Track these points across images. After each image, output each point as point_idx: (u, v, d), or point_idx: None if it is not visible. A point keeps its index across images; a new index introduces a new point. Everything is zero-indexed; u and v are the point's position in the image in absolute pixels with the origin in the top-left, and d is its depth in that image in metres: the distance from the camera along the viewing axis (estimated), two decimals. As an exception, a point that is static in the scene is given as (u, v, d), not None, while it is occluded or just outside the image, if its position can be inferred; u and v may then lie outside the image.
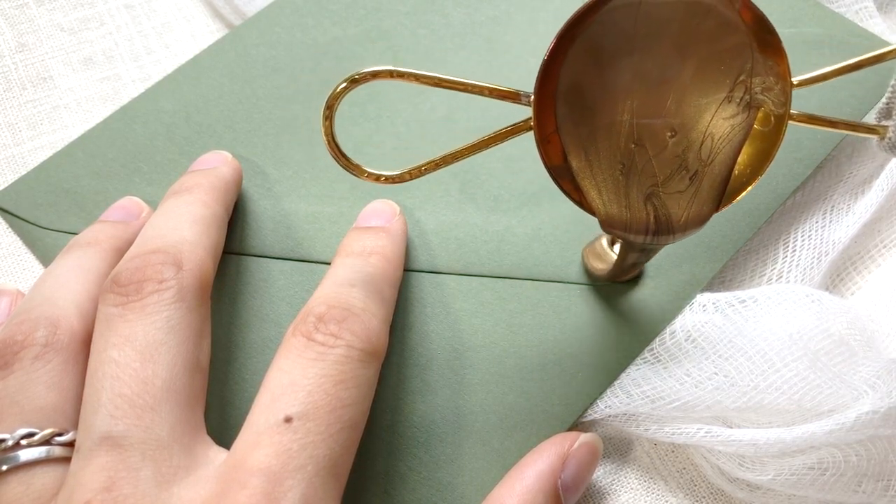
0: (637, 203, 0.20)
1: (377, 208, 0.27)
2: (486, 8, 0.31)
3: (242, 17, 0.32)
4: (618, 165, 0.20)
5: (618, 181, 0.20)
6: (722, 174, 0.20)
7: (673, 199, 0.20)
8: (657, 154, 0.20)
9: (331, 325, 0.21)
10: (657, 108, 0.20)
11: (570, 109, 0.20)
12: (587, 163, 0.20)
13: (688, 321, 0.25)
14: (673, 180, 0.20)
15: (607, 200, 0.21)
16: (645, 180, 0.20)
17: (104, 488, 0.18)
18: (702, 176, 0.20)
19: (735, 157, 0.20)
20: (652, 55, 0.19)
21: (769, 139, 0.20)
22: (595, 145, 0.20)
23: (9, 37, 0.32)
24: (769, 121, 0.20)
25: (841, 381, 0.23)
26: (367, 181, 0.20)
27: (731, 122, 0.20)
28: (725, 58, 0.20)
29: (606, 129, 0.20)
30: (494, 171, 0.28)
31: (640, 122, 0.20)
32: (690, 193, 0.20)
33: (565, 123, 0.20)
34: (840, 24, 0.30)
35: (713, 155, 0.20)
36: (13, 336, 0.21)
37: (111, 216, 0.26)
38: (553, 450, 0.23)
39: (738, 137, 0.20)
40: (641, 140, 0.20)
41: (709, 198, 0.20)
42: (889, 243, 0.28)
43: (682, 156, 0.20)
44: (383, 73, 0.19)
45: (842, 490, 0.23)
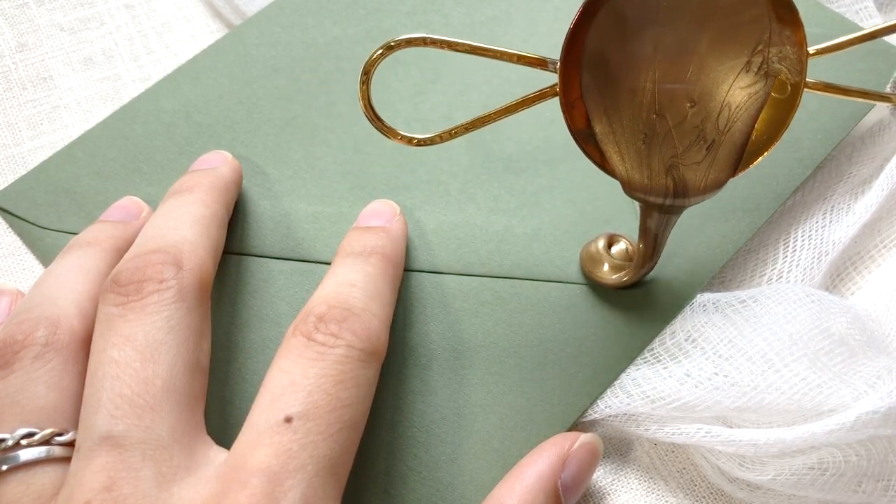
0: (658, 172, 0.22)
1: (377, 208, 0.27)
2: (486, 8, 0.31)
3: (242, 17, 0.32)
4: (640, 135, 0.21)
5: (640, 151, 0.21)
6: (739, 141, 0.21)
7: (691, 170, 0.21)
8: (677, 125, 0.21)
9: (331, 325, 0.21)
10: (678, 78, 0.21)
11: (595, 76, 0.21)
12: (610, 129, 0.21)
13: (688, 321, 0.25)
14: (691, 151, 0.21)
15: (630, 167, 0.22)
16: (666, 151, 0.21)
17: (104, 488, 0.18)
18: (718, 145, 0.21)
19: (752, 124, 0.21)
20: (673, 26, 0.20)
21: (785, 106, 0.21)
22: (618, 112, 0.21)
23: (9, 37, 0.32)
24: (785, 88, 0.21)
25: (841, 381, 0.23)
26: (399, 143, 0.22)
27: (748, 90, 0.21)
28: (744, 29, 0.20)
29: (629, 97, 0.21)
30: (494, 170, 0.28)
31: (662, 92, 0.21)
32: (708, 162, 0.21)
33: (590, 90, 0.21)
34: (840, 24, 0.30)
35: (730, 123, 0.21)
36: (13, 336, 0.21)
37: (111, 216, 0.26)
38: (553, 450, 0.23)
39: (756, 105, 0.21)
40: (662, 110, 0.21)
41: (726, 164, 0.22)
42: (889, 243, 0.28)
43: (700, 126, 0.21)
44: (417, 40, 0.20)
45: (842, 490, 0.23)
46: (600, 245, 0.26)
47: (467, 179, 0.28)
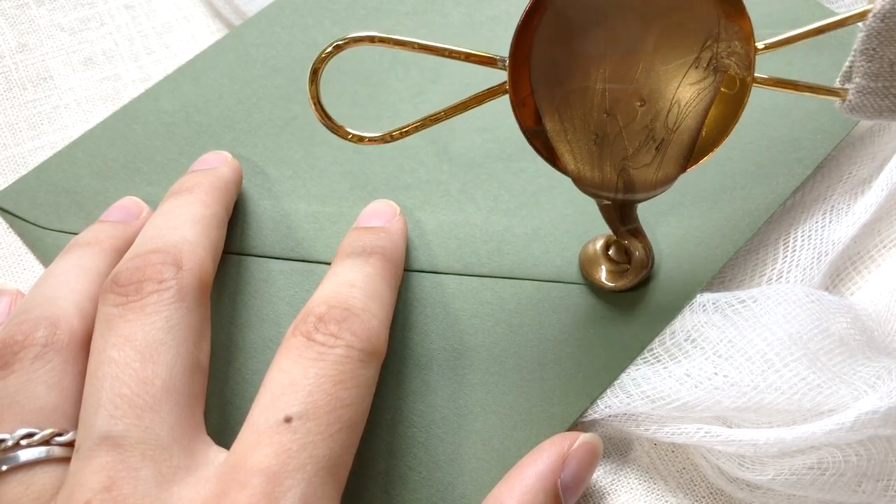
0: (609, 172, 0.22)
1: (377, 208, 0.27)
2: (486, 8, 0.31)
3: (242, 17, 0.32)
4: (592, 136, 0.21)
5: (592, 151, 0.22)
6: (688, 138, 0.22)
7: (641, 171, 0.22)
8: (627, 125, 0.21)
9: (331, 325, 0.21)
10: (627, 77, 0.21)
11: (544, 74, 0.21)
12: (562, 127, 0.22)
13: (688, 321, 0.25)
14: (641, 152, 0.22)
15: (581, 166, 0.22)
16: (617, 153, 0.22)
17: (104, 488, 0.18)
18: (668, 143, 0.22)
19: (702, 120, 0.22)
20: (620, 25, 0.21)
21: (735, 102, 0.21)
22: (569, 111, 0.21)
23: (9, 37, 0.32)
24: (734, 84, 0.21)
25: (841, 381, 0.23)
26: (350, 143, 0.22)
27: (697, 86, 0.21)
28: (691, 25, 0.21)
29: (580, 95, 0.21)
30: (494, 171, 0.28)
31: (612, 91, 0.21)
32: (658, 162, 0.22)
33: (539, 87, 0.21)
34: (840, 23, 0.30)
35: (679, 121, 0.21)
36: (13, 336, 0.21)
37: (111, 216, 0.26)
38: (553, 449, 0.23)
39: (705, 101, 0.21)
40: (613, 110, 0.21)
41: (675, 162, 0.22)
42: (889, 243, 0.28)
43: (650, 125, 0.21)
44: (364, 38, 0.21)
45: (842, 490, 0.23)
46: (598, 246, 0.26)
47: (467, 179, 0.28)
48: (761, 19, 0.31)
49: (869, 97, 0.21)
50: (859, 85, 0.21)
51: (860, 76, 0.21)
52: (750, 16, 0.20)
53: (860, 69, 0.20)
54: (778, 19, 0.30)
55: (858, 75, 0.21)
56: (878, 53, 0.20)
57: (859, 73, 0.21)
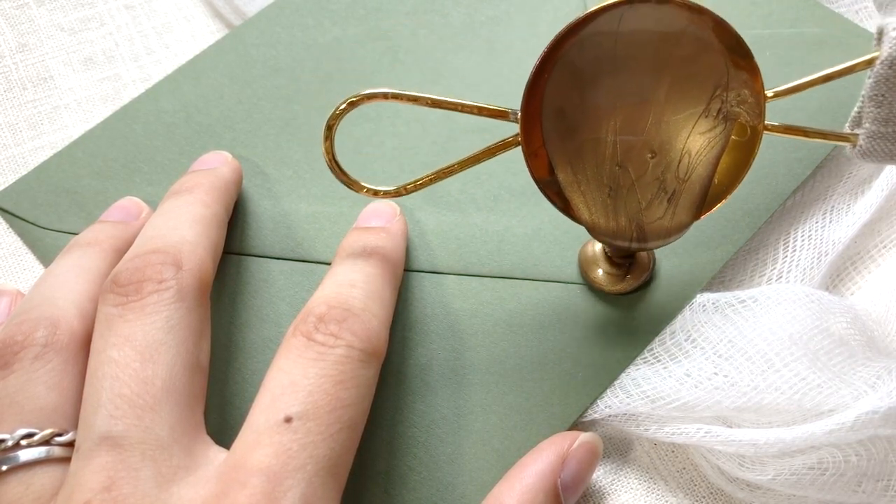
0: (624, 222, 0.22)
1: (377, 208, 0.27)
2: (486, 8, 0.31)
3: (242, 17, 0.32)
4: (605, 188, 0.22)
5: (606, 203, 0.22)
6: (700, 187, 0.22)
7: (655, 223, 0.22)
8: (639, 177, 0.22)
9: (331, 326, 0.21)
10: (637, 129, 0.21)
11: (555, 126, 0.21)
12: (575, 178, 0.22)
13: (688, 321, 0.25)
14: (653, 205, 0.22)
15: (595, 214, 0.22)
16: (631, 205, 0.22)
17: (104, 488, 0.18)
18: (679, 194, 0.22)
19: (713, 169, 0.22)
20: (630, 77, 0.21)
21: (746, 149, 0.22)
22: (582, 163, 0.22)
23: (9, 37, 0.32)
24: (745, 131, 0.21)
25: (841, 381, 0.23)
26: (365, 196, 0.22)
27: (707, 136, 0.21)
28: (701, 75, 0.21)
29: (591, 148, 0.21)
30: (494, 171, 0.28)
31: (622, 143, 0.21)
32: (671, 213, 0.22)
33: (551, 139, 0.21)
34: (840, 24, 0.30)
35: (690, 171, 0.22)
36: (13, 336, 0.21)
37: (111, 216, 0.26)
38: (553, 449, 0.23)
39: (716, 150, 0.21)
40: (624, 162, 0.21)
41: (688, 210, 0.22)
42: (889, 243, 0.28)
43: (661, 177, 0.22)
44: (378, 95, 0.21)
45: (842, 490, 0.23)
46: (597, 248, 0.26)
47: (467, 179, 0.28)
48: (761, 20, 0.31)
49: (879, 142, 0.21)
50: (869, 130, 0.21)
51: (869, 122, 0.20)
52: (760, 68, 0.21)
53: (869, 115, 0.20)
54: (778, 19, 0.30)
55: (868, 121, 0.20)
56: (886, 99, 0.20)
57: (869, 118, 0.20)
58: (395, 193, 0.22)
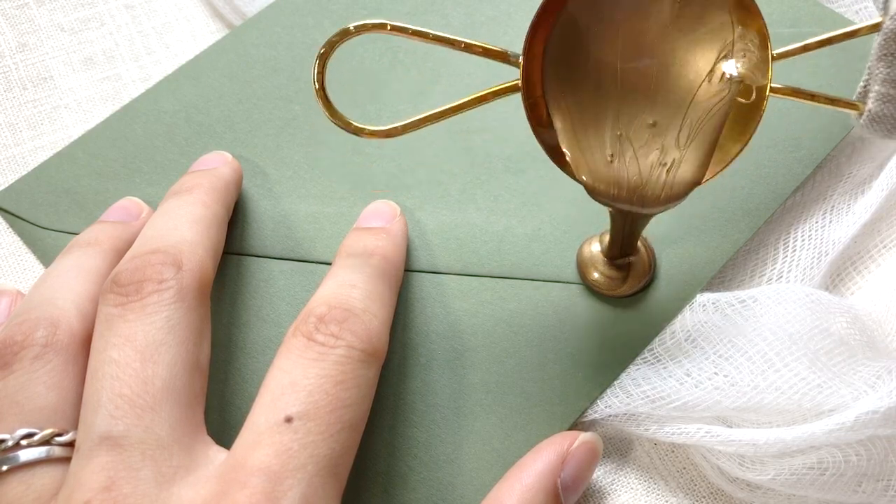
0: (624, 187, 0.21)
1: (378, 209, 0.27)
2: (486, 8, 0.31)
3: (242, 17, 0.32)
4: (606, 152, 0.21)
5: (607, 167, 0.21)
6: (702, 153, 0.21)
7: (657, 186, 0.21)
8: (640, 146, 0.21)
9: (331, 326, 0.21)
10: (639, 97, 0.20)
11: (557, 76, 0.20)
12: (574, 135, 0.21)
13: (688, 321, 0.25)
14: (653, 172, 0.21)
15: (595, 176, 0.21)
16: (631, 170, 0.21)
17: (104, 488, 0.18)
18: (680, 161, 0.21)
19: (717, 133, 0.21)
20: (633, 37, 0.20)
21: (751, 111, 0.21)
22: (581, 119, 0.21)
23: (9, 37, 0.32)
24: (750, 93, 0.21)
25: (841, 381, 0.23)
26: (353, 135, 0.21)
27: (712, 100, 0.21)
28: (708, 37, 0.20)
29: (592, 106, 0.21)
30: (494, 171, 0.28)
31: (624, 110, 0.21)
32: (671, 179, 0.21)
33: (552, 89, 0.21)
34: (840, 24, 0.30)
35: (692, 138, 0.21)
36: (13, 336, 0.21)
37: (111, 216, 0.26)
38: (552, 449, 0.23)
39: (720, 114, 0.21)
40: (626, 128, 0.21)
41: (689, 176, 0.21)
42: (889, 243, 0.28)
43: (662, 145, 0.21)
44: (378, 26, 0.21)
45: (842, 490, 0.23)
46: (594, 250, 0.26)
47: (467, 179, 0.28)
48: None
49: (889, 105, 0.20)
50: (878, 93, 0.20)
51: (879, 83, 0.20)
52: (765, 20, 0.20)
53: (879, 76, 0.20)
54: (777, 19, 0.30)
55: (877, 83, 0.20)
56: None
57: (878, 80, 0.20)
58: (385, 133, 0.21)
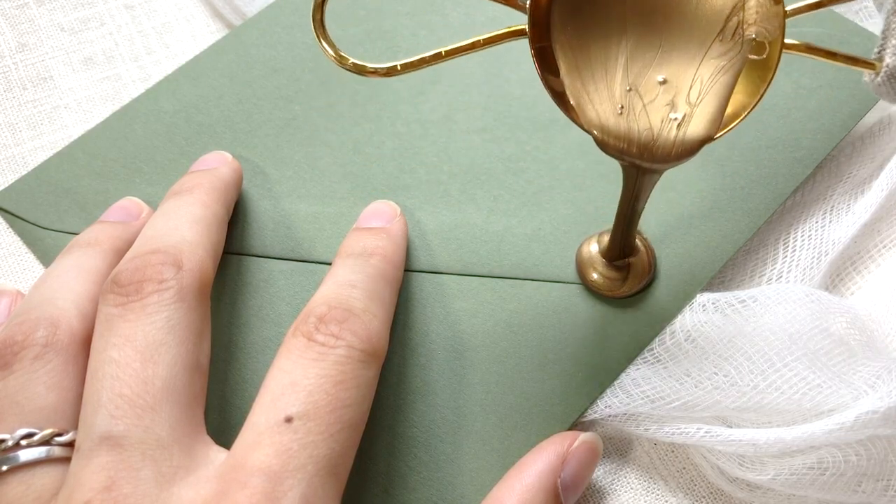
0: (633, 140, 0.21)
1: (378, 209, 0.27)
2: (486, 8, 0.31)
3: (242, 17, 0.32)
4: (616, 105, 0.21)
5: (617, 120, 0.21)
6: (713, 109, 0.21)
7: (667, 141, 0.21)
8: (650, 101, 0.20)
9: (331, 326, 0.21)
10: (648, 53, 0.20)
11: (564, 25, 0.20)
12: (582, 85, 0.21)
13: (688, 321, 0.25)
14: (663, 128, 0.21)
15: (604, 129, 0.21)
16: (641, 124, 0.21)
17: (104, 488, 0.18)
18: (690, 117, 0.21)
19: (728, 91, 0.20)
20: None
21: (764, 68, 0.20)
22: (591, 72, 0.20)
23: (9, 37, 0.32)
24: (763, 49, 0.20)
25: (841, 381, 0.23)
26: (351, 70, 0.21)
27: (723, 59, 0.20)
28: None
29: (601, 60, 0.20)
30: (494, 171, 0.28)
31: (633, 66, 0.20)
32: (681, 135, 0.21)
33: (559, 38, 0.20)
34: (840, 24, 0.30)
35: (702, 95, 0.20)
36: (13, 336, 0.21)
37: (111, 216, 0.26)
38: (553, 449, 0.23)
39: (731, 73, 0.20)
40: (635, 85, 0.20)
41: (700, 133, 0.21)
42: (889, 243, 0.28)
43: (672, 102, 0.20)
44: None
45: (842, 490, 0.23)
46: (593, 250, 0.26)
47: (467, 179, 0.28)
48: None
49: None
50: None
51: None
52: None
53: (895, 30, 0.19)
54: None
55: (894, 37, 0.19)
56: None
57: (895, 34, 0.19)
58: (385, 72, 0.21)
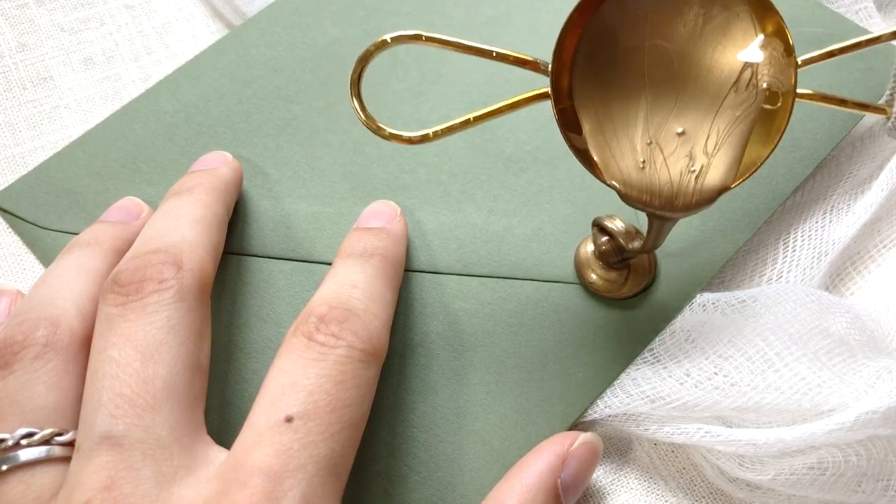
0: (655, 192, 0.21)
1: (378, 209, 0.27)
2: (486, 8, 0.31)
3: (242, 17, 0.32)
4: (638, 161, 0.21)
5: (639, 173, 0.21)
6: (730, 159, 0.21)
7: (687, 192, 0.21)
8: (670, 154, 0.21)
9: (332, 326, 0.21)
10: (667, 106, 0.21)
11: (586, 83, 0.21)
12: (605, 140, 0.21)
13: (688, 321, 0.25)
14: (683, 179, 0.21)
15: (627, 183, 0.21)
16: (662, 177, 0.21)
17: (104, 487, 0.18)
18: (707, 167, 0.21)
19: (745, 139, 0.21)
20: (663, 46, 0.20)
21: (778, 117, 0.21)
22: (612, 127, 0.21)
23: (9, 37, 0.32)
24: (777, 99, 0.21)
25: (841, 381, 0.23)
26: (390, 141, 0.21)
27: (739, 108, 0.21)
28: (733, 45, 0.20)
29: (622, 115, 0.21)
30: (494, 170, 0.28)
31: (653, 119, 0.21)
32: (699, 186, 0.21)
33: (581, 96, 0.21)
34: (840, 24, 0.30)
35: (719, 145, 0.21)
36: (13, 336, 0.21)
37: (111, 216, 0.26)
38: (553, 449, 0.23)
39: (748, 121, 0.21)
40: (655, 138, 0.21)
41: (717, 182, 0.21)
42: (889, 243, 0.28)
43: (690, 153, 0.21)
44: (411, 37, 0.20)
45: (842, 490, 0.23)
46: (590, 250, 0.26)
47: (467, 179, 0.28)
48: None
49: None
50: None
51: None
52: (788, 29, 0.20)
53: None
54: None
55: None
56: None
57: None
58: (420, 139, 0.21)
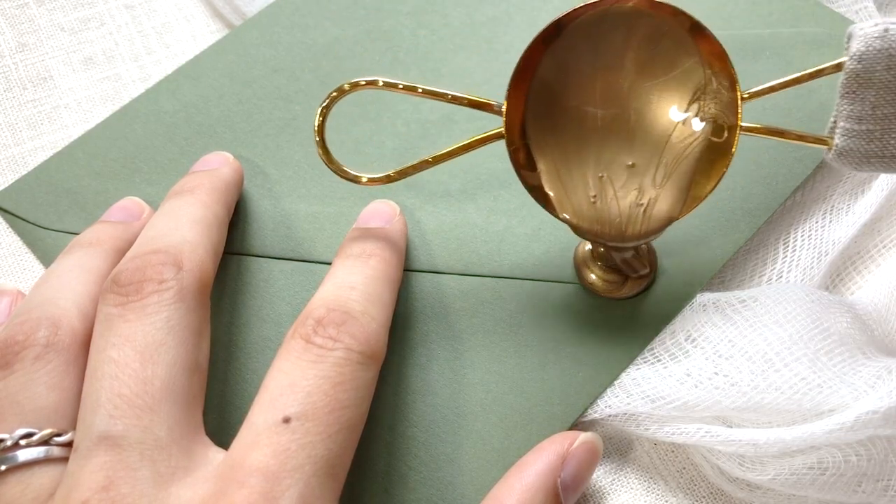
0: (606, 224, 0.23)
1: (377, 209, 0.27)
2: (486, 8, 0.31)
3: (242, 17, 0.32)
4: (590, 193, 0.22)
5: (591, 208, 0.22)
6: (677, 190, 0.22)
7: (636, 222, 0.23)
8: (620, 187, 0.22)
9: (329, 329, 0.21)
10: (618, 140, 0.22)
11: (538, 123, 0.22)
12: (558, 177, 0.22)
13: (688, 321, 0.25)
14: (633, 212, 0.22)
15: (578, 215, 0.23)
16: (612, 210, 0.22)
17: (102, 487, 0.18)
18: (655, 199, 0.22)
19: (692, 171, 0.22)
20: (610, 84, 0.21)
21: (723, 150, 0.22)
22: (566, 163, 0.22)
23: (9, 37, 0.32)
24: (722, 132, 0.22)
25: (841, 381, 0.23)
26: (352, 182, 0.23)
27: (686, 141, 0.22)
28: (680, 80, 0.21)
29: (575, 150, 0.22)
30: (494, 170, 0.28)
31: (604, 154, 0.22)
32: (648, 216, 0.23)
33: (534, 136, 0.22)
34: (840, 24, 0.30)
35: (668, 176, 0.22)
36: (14, 336, 0.21)
37: (112, 216, 0.26)
38: (553, 449, 0.23)
39: (695, 154, 0.22)
40: (607, 173, 0.22)
41: (665, 213, 0.23)
42: (889, 243, 0.28)
43: (639, 185, 0.22)
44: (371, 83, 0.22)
45: (842, 490, 0.23)
46: (588, 248, 0.26)
47: (467, 179, 0.28)
48: (761, 19, 0.31)
49: (854, 140, 0.21)
50: (844, 128, 0.21)
51: (844, 119, 0.21)
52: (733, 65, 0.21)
53: (843, 113, 0.21)
54: (778, 19, 0.30)
55: (842, 119, 0.21)
56: (859, 96, 0.21)
57: (843, 116, 0.21)
58: (383, 180, 0.23)
